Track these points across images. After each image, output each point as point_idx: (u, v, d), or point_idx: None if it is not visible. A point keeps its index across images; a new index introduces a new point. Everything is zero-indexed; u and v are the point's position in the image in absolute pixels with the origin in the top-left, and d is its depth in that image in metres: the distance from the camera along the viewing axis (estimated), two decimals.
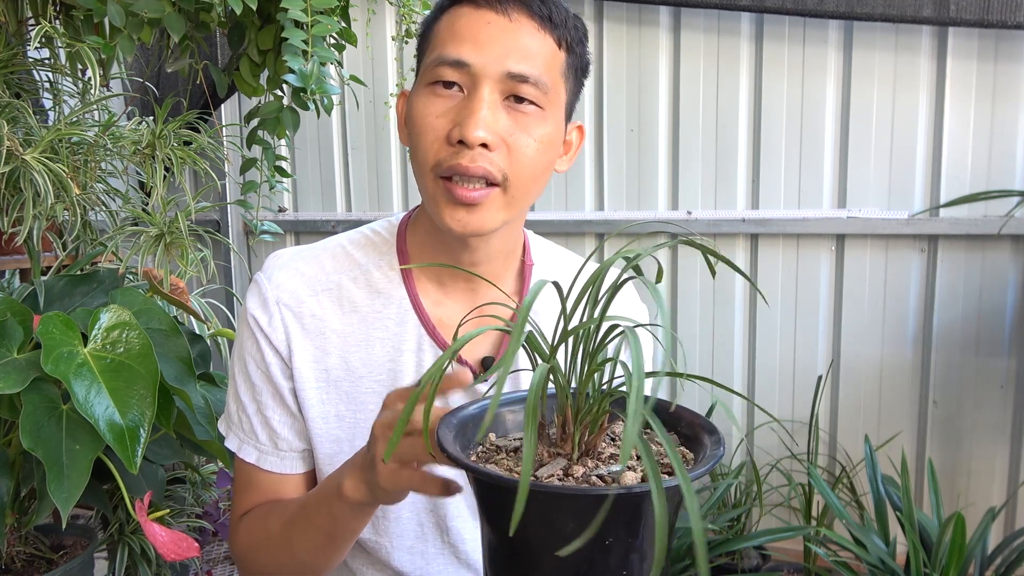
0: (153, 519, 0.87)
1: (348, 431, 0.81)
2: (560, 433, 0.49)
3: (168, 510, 1.12)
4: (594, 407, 0.48)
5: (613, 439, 0.53)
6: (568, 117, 0.79)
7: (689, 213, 2.12)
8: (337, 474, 0.68)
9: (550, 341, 0.49)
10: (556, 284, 0.49)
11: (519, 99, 0.71)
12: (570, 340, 0.48)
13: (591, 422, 0.48)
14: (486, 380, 0.81)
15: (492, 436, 0.55)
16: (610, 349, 0.48)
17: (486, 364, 0.81)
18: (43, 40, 1.23)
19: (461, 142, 0.69)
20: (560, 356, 0.49)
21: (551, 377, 0.47)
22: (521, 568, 0.47)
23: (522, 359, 0.82)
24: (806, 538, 1.86)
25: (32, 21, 1.31)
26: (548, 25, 0.72)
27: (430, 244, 0.81)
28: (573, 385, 0.49)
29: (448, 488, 0.59)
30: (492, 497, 0.48)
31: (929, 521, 1.65)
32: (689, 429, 0.53)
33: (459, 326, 0.57)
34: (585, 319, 0.47)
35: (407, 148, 2.40)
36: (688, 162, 2.13)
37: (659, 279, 0.47)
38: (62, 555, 1.10)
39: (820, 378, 2.07)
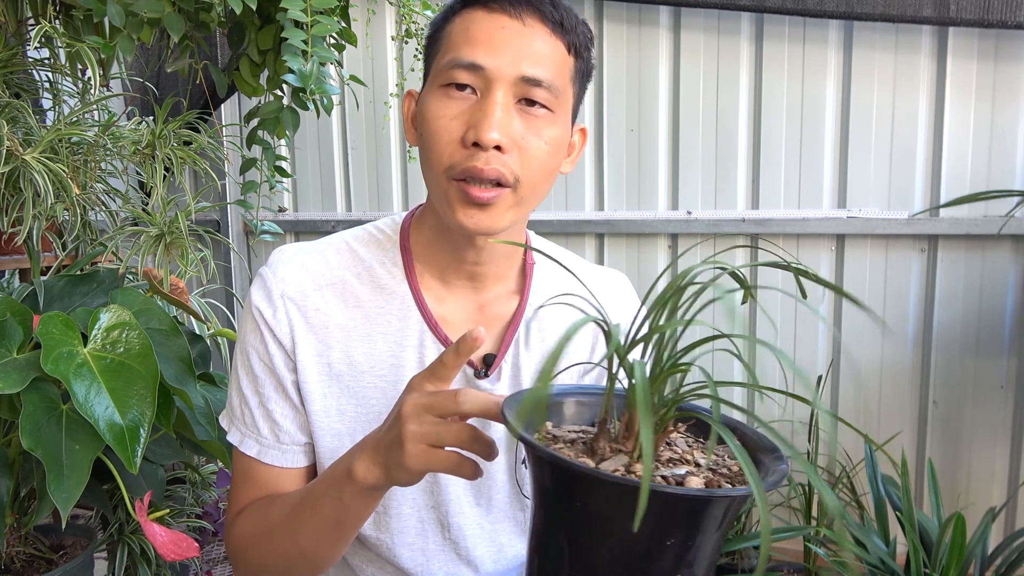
0: (153, 519, 0.88)
1: (349, 425, 0.81)
2: (623, 431, 0.50)
3: (168, 510, 1.12)
4: (662, 411, 0.49)
5: (669, 444, 0.53)
6: (573, 120, 0.80)
7: (689, 213, 2.12)
8: (345, 459, 0.68)
9: (618, 346, 0.49)
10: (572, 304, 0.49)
11: (531, 102, 0.73)
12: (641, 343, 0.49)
13: (657, 424, 0.49)
14: (487, 376, 0.82)
15: (548, 425, 0.55)
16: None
17: (487, 361, 0.82)
18: (43, 40, 1.23)
19: (476, 144, 0.70)
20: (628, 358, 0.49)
21: (626, 376, 0.47)
22: (573, 557, 0.48)
23: (524, 361, 0.83)
24: (806, 538, 1.86)
25: (32, 21, 1.31)
26: (560, 30, 0.74)
27: (435, 242, 0.82)
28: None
29: (475, 472, 0.60)
30: (562, 485, 0.48)
31: (929, 521, 1.65)
32: (753, 444, 0.55)
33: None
34: (660, 324, 0.49)
35: (407, 148, 2.39)
36: (688, 162, 2.13)
37: (745, 299, 0.48)
38: (62, 555, 1.10)
39: (820, 378, 2.07)
